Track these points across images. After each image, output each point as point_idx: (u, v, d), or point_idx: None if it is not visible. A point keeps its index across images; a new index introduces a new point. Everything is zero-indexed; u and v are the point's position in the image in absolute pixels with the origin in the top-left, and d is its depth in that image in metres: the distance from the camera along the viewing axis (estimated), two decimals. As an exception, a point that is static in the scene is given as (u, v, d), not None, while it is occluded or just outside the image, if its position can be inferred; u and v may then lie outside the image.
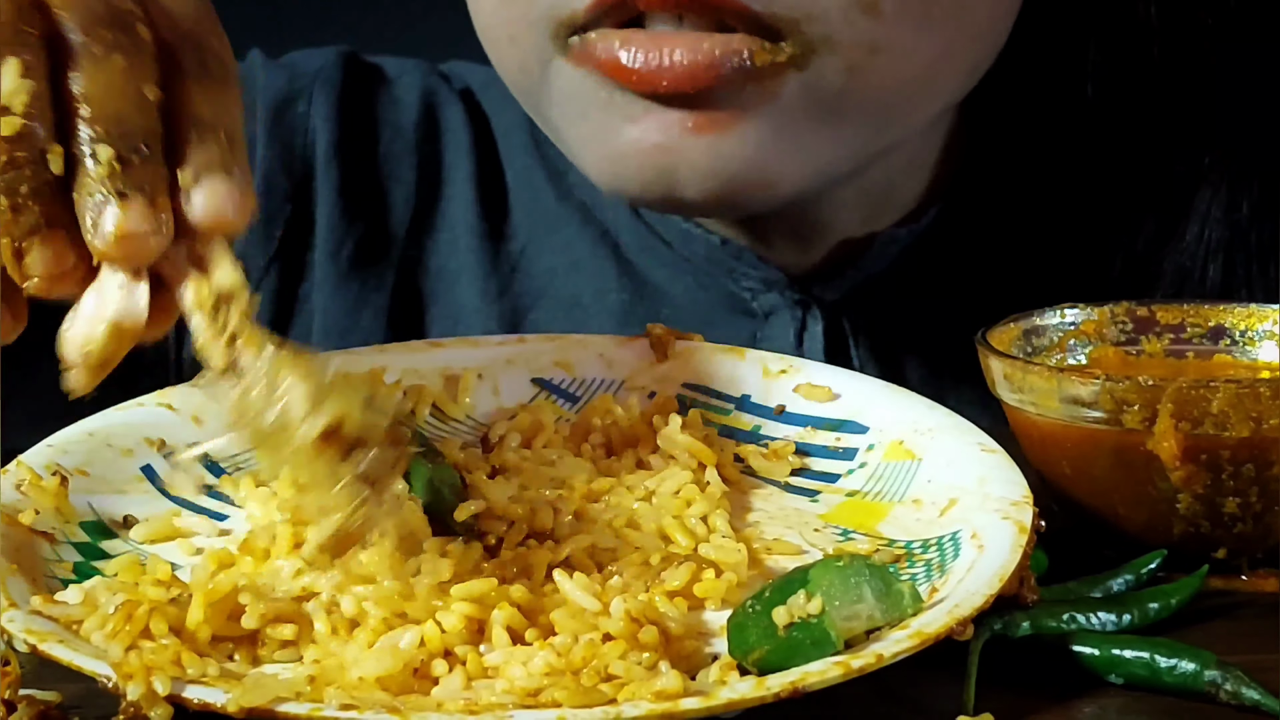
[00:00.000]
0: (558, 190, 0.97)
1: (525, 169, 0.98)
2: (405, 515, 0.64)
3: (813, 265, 0.93)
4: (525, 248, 0.96)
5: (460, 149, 0.98)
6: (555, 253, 0.96)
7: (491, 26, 0.84)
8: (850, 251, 0.93)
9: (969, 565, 0.62)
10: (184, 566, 0.66)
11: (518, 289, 0.95)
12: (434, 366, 0.78)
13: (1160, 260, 0.92)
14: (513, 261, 0.97)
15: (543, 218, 0.97)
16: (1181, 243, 0.92)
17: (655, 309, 0.93)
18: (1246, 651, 0.62)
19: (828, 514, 0.70)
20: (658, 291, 0.94)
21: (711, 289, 0.94)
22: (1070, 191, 0.95)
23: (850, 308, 0.93)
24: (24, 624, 0.58)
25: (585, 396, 0.78)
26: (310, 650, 0.59)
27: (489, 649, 0.59)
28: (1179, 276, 0.92)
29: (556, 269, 0.96)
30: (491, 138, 0.99)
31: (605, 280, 0.95)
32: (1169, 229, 0.92)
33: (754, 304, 0.93)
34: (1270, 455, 0.67)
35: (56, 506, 0.67)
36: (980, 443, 0.70)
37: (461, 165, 0.98)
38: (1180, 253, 0.92)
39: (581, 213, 0.96)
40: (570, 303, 0.95)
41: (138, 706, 0.55)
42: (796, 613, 0.57)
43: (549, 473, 0.69)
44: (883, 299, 0.93)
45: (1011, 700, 0.59)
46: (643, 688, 0.55)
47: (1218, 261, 0.92)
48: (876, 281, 0.93)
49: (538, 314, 0.95)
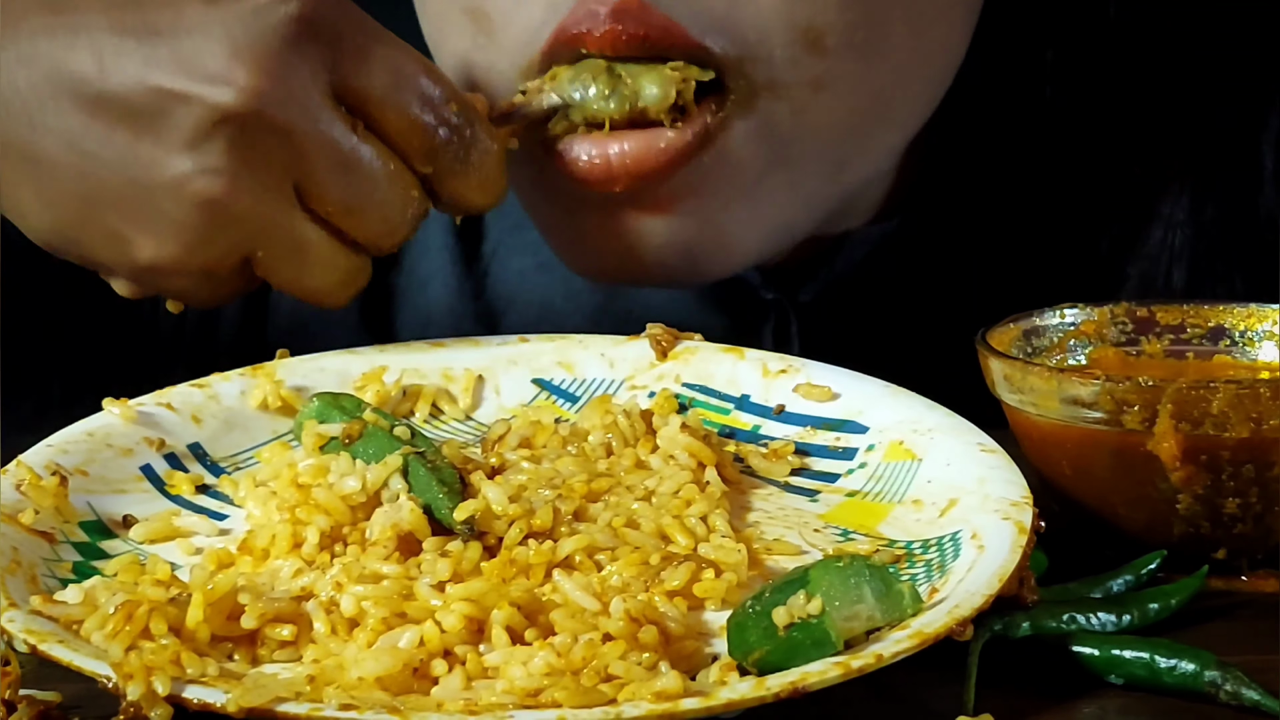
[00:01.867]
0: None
1: None
2: (405, 515, 0.64)
3: (785, 263, 0.92)
4: (496, 249, 0.96)
5: None
6: (525, 253, 0.96)
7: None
8: (822, 251, 0.93)
9: (969, 565, 0.62)
10: (183, 566, 0.66)
11: (489, 294, 0.96)
12: (434, 366, 0.78)
13: (1124, 264, 0.92)
14: (484, 264, 0.97)
15: (513, 221, 0.96)
16: (1145, 246, 0.92)
17: (628, 309, 0.93)
18: (1246, 652, 0.62)
19: (827, 514, 0.70)
20: (630, 292, 0.94)
21: (684, 290, 0.93)
22: (1035, 193, 0.95)
23: (826, 307, 0.93)
24: (24, 624, 0.58)
25: (585, 396, 0.78)
26: (310, 650, 0.59)
27: (489, 649, 0.59)
28: (1144, 281, 0.91)
29: (526, 270, 0.96)
30: None
31: (577, 281, 0.93)
32: (1132, 232, 0.92)
33: (727, 304, 0.93)
34: (1270, 456, 0.67)
35: (56, 506, 0.67)
36: (980, 443, 0.70)
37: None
38: (1144, 257, 0.91)
39: None
40: (542, 305, 0.95)
41: (138, 706, 0.55)
42: (796, 613, 0.57)
43: (549, 473, 0.69)
44: (858, 299, 0.93)
45: (1011, 700, 0.59)
46: (642, 688, 0.55)
47: (1182, 266, 0.91)
48: (850, 281, 0.93)
49: (512, 318, 0.95)
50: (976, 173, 0.95)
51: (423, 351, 0.79)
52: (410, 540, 0.64)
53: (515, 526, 0.64)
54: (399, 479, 0.66)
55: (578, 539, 0.64)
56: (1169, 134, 0.92)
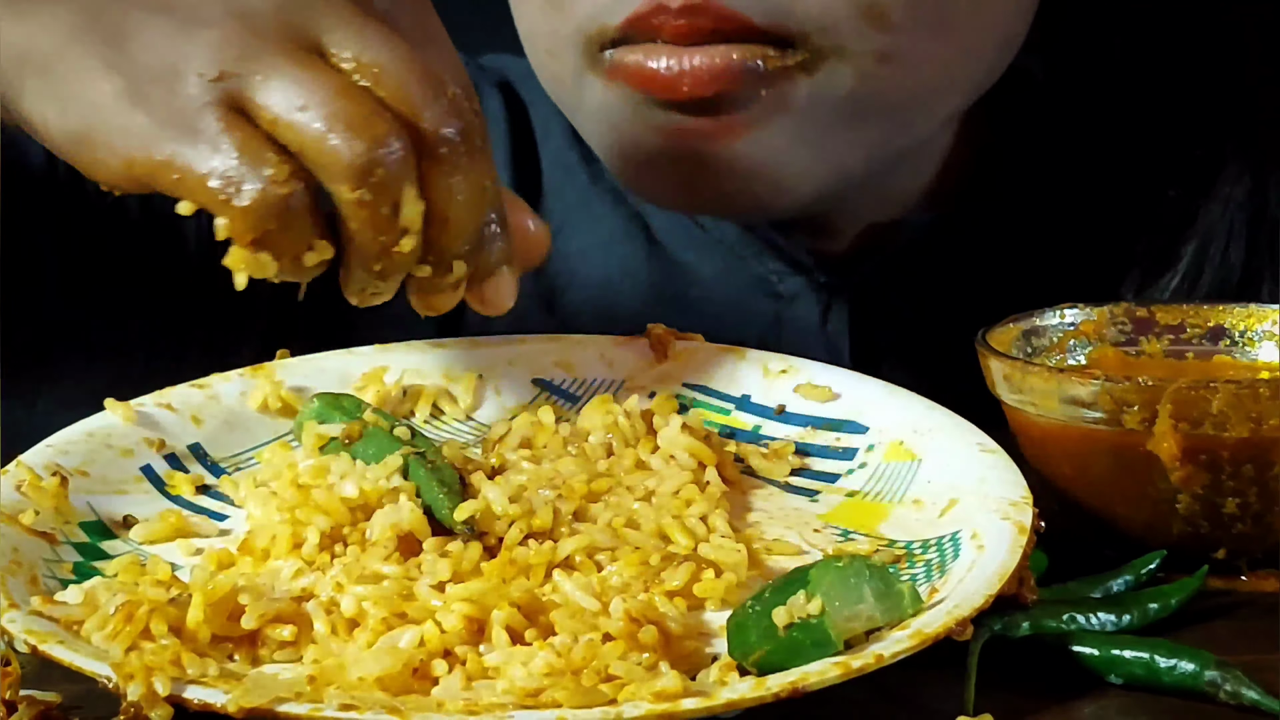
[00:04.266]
0: (590, 173, 0.98)
1: (559, 152, 0.99)
2: (405, 516, 0.64)
3: (840, 251, 0.95)
4: (560, 229, 0.97)
5: (498, 137, 0.99)
6: (587, 232, 0.97)
7: (532, 38, 0.87)
8: (876, 237, 0.94)
9: (969, 565, 0.62)
10: (184, 567, 0.66)
11: (551, 270, 0.96)
12: (435, 367, 0.78)
13: (1180, 243, 0.93)
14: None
15: (576, 199, 0.98)
16: (1202, 225, 0.92)
17: (684, 289, 0.95)
18: (1246, 651, 0.62)
19: (828, 514, 0.70)
20: (687, 272, 0.96)
21: (739, 271, 0.95)
22: (1094, 175, 0.96)
23: (875, 291, 0.94)
24: (24, 624, 0.58)
25: (585, 397, 0.78)
26: (310, 650, 0.60)
27: (489, 649, 0.59)
28: (1198, 258, 0.92)
29: (587, 249, 0.97)
30: (529, 126, 1.01)
31: (635, 260, 0.96)
32: (1190, 211, 0.93)
33: (780, 286, 0.94)
34: (1270, 455, 0.67)
35: (56, 507, 0.67)
36: (980, 443, 0.70)
37: (499, 151, 0.99)
38: (1201, 235, 0.92)
39: (613, 195, 0.98)
40: (601, 283, 0.96)
41: (138, 707, 0.55)
42: (796, 613, 0.57)
43: (549, 473, 0.69)
44: (907, 283, 0.95)
45: (1011, 700, 0.59)
46: (642, 688, 0.55)
47: (1239, 245, 0.92)
48: (900, 265, 0.94)
49: (571, 295, 0.96)
50: (1035, 154, 0.96)
51: (423, 352, 0.79)
52: (410, 541, 0.64)
53: (515, 527, 0.64)
54: (400, 478, 0.66)
55: (578, 539, 0.64)
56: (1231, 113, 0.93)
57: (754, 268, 0.94)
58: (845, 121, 0.82)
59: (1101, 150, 0.96)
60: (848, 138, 0.83)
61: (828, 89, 0.81)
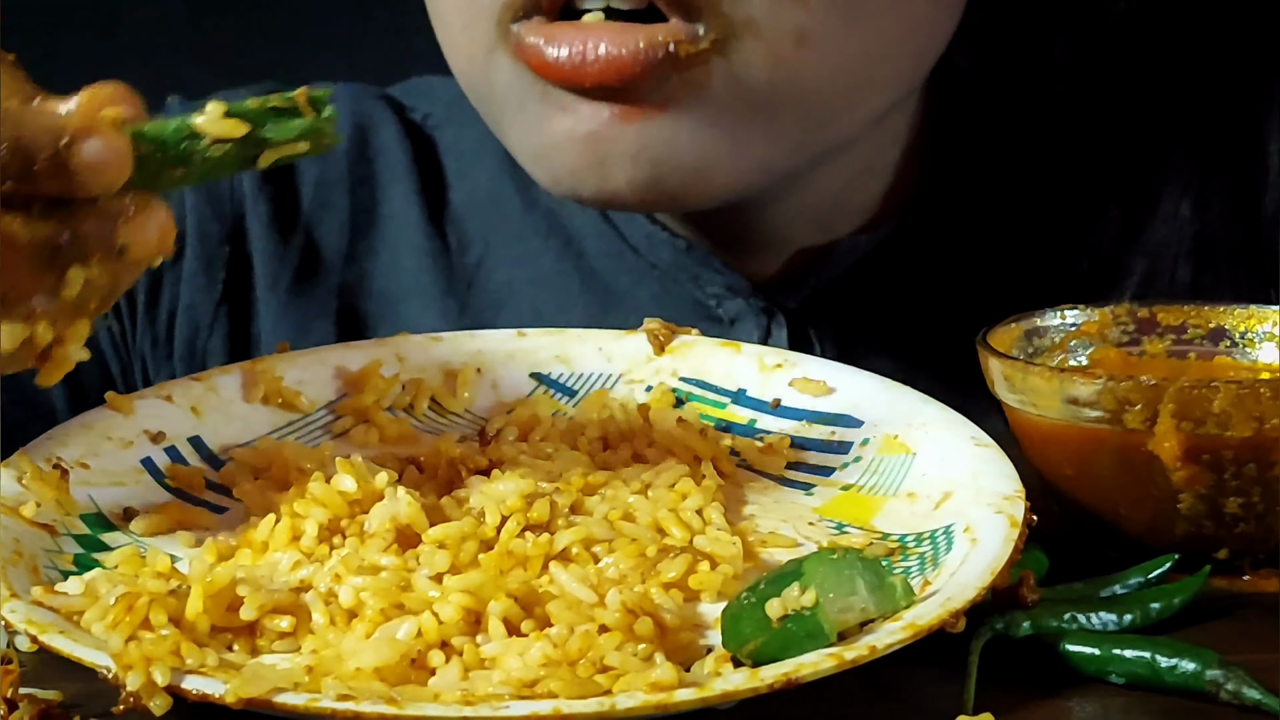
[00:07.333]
0: (525, 200, 0.96)
1: (490, 179, 0.97)
2: (403, 508, 0.65)
3: (775, 273, 0.93)
4: (483, 259, 0.96)
5: (397, 169, 0.98)
6: (515, 265, 0.96)
7: (446, 13, 0.85)
8: (812, 260, 0.93)
9: (962, 559, 0.62)
10: (183, 558, 0.66)
11: (475, 305, 0.95)
12: (433, 360, 0.79)
13: (1128, 260, 0.92)
14: (468, 276, 0.96)
15: (505, 228, 0.96)
16: (1149, 242, 0.92)
17: (620, 319, 0.90)
18: (1248, 651, 0.61)
19: (822, 507, 0.71)
20: (622, 299, 0.94)
21: (676, 294, 0.93)
22: (1036, 190, 0.94)
23: (813, 314, 0.93)
24: (25, 614, 0.59)
25: (583, 390, 0.78)
26: (308, 641, 0.60)
27: (485, 640, 0.59)
28: (1148, 276, 0.91)
29: (514, 282, 0.95)
30: (435, 154, 0.99)
31: (569, 293, 0.94)
32: (1136, 228, 0.92)
33: (719, 310, 0.92)
34: (1272, 455, 0.67)
35: (57, 499, 0.68)
36: (973, 437, 0.70)
37: (399, 185, 0.97)
38: (1149, 253, 0.92)
39: (548, 221, 0.96)
40: (532, 315, 0.94)
41: (137, 696, 0.55)
42: (790, 605, 0.57)
43: (546, 466, 0.70)
44: (846, 304, 0.93)
45: (1011, 700, 0.59)
46: (638, 679, 0.55)
47: (1188, 261, 0.91)
48: (839, 287, 0.93)
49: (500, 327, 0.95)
50: (975, 172, 0.95)
51: (421, 345, 0.79)
52: (408, 532, 0.64)
53: (513, 519, 0.65)
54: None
55: (575, 531, 0.64)
56: (1175, 130, 0.92)
57: (691, 291, 0.93)
58: (763, 111, 0.80)
59: (1041, 169, 0.94)
60: (767, 130, 0.81)
61: (744, 73, 0.79)
